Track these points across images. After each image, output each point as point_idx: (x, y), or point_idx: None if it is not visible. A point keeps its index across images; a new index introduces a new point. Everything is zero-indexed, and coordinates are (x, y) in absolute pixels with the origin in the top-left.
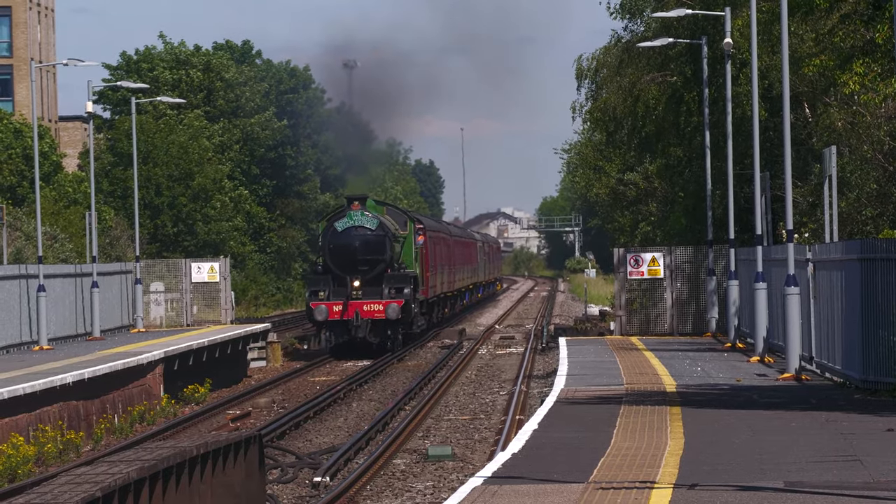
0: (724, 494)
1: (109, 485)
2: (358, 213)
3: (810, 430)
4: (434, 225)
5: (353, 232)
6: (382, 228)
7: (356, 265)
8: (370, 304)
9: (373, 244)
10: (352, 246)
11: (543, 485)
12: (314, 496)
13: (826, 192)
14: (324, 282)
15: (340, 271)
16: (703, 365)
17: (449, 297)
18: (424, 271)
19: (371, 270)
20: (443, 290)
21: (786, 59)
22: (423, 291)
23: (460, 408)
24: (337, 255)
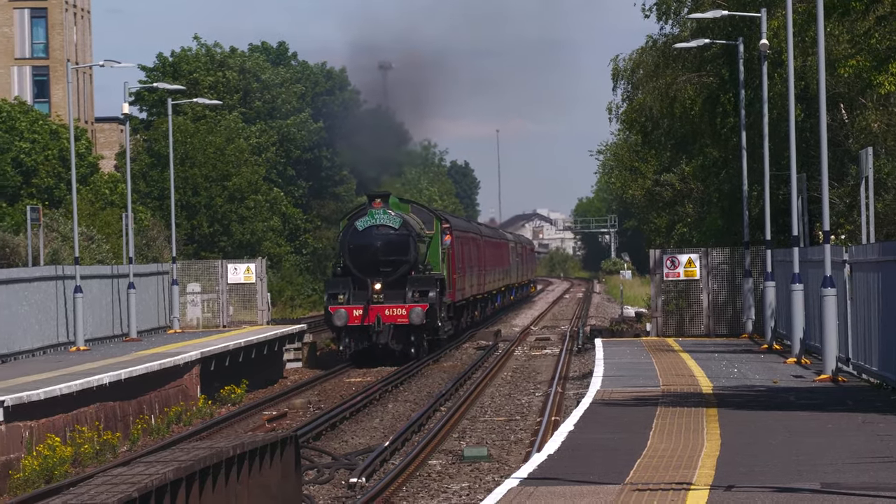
0: (761, 496)
1: (146, 485)
2: (380, 212)
3: (847, 432)
4: (462, 224)
5: (374, 231)
6: (406, 227)
7: (378, 267)
8: (392, 309)
9: (395, 244)
10: (373, 246)
11: (579, 486)
12: (350, 497)
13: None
14: (343, 284)
15: (361, 273)
16: (740, 366)
17: (479, 301)
18: (451, 273)
19: (394, 272)
20: (472, 293)
21: (822, 61)
22: (450, 294)
23: (496, 409)
24: (357, 256)
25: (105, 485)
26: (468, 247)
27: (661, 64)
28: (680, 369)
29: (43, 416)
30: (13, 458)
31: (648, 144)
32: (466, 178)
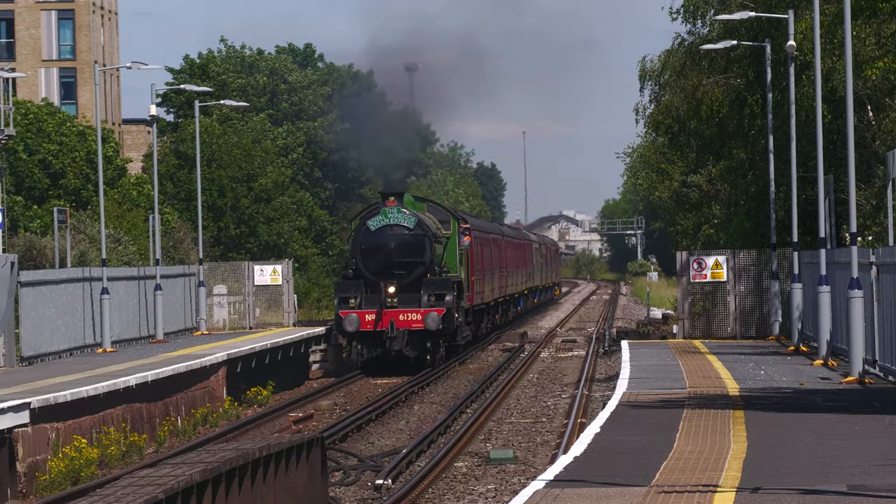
0: (787, 498)
1: (172, 487)
2: (394, 210)
3: (874, 434)
4: (482, 225)
5: (387, 231)
6: (421, 227)
7: (391, 269)
8: (407, 313)
9: (410, 245)
10: (386, 247)
11: (605, 488)
12: (376, 499)
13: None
14: (355, 287)
15: (374, 276)
16: (767, 368)
17: (500, 304)
18: (470, 275)
19: (408, 275)
20: (492, 297)
21: (849, 63)
22: (469, 298)
23: (522, 411)
24: (370, 258)
25: (131, 486)
26: (488, 248)
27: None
28: (706, 371)
29: (69, 418)
30: (40, 460)
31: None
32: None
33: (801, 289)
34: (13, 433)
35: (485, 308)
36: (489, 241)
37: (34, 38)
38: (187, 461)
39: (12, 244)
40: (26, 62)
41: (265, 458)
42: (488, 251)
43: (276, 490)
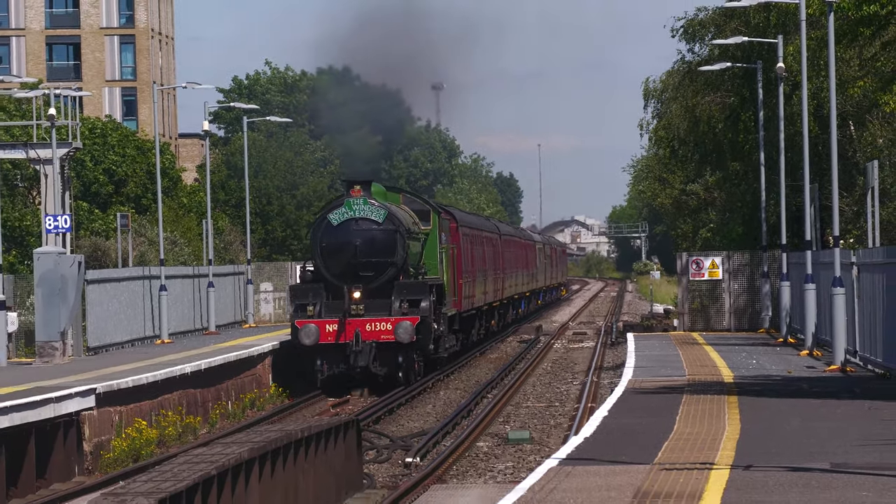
0: (776, 475)
1: (223, 464)
2: (360, 202)
3: (854, 417)
4: (473, 221)
5: (352, 226)
6: (392, 221)
7: (357, 270)
8: (375, 323)
9: (379, 242)
10: (350, 245)
11: (612, 466)
12: (406, 475)
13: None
14: (314, 292)
15: (336, 279)
16: (758, 358)
17: (496, 308)
18: (456, 278)
19: (377, 278)
20: (486, 301)
21: (833, 82)
22: (455, 304)
23: (537, 396)
24: (331, 258)
25: (187, 463)
26: (481, 247)
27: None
28: (704, 361)
29: (131, 402)
30: (104, 440)
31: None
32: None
33: (789, 286)
34: (81, 416)
35: (476, 313)
36: (482, 240)
37: (98, 60)
38: (237, 441)
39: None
40: (92, 82)
41: (306, 438)
42: (481, 250)
43: (317, 467)
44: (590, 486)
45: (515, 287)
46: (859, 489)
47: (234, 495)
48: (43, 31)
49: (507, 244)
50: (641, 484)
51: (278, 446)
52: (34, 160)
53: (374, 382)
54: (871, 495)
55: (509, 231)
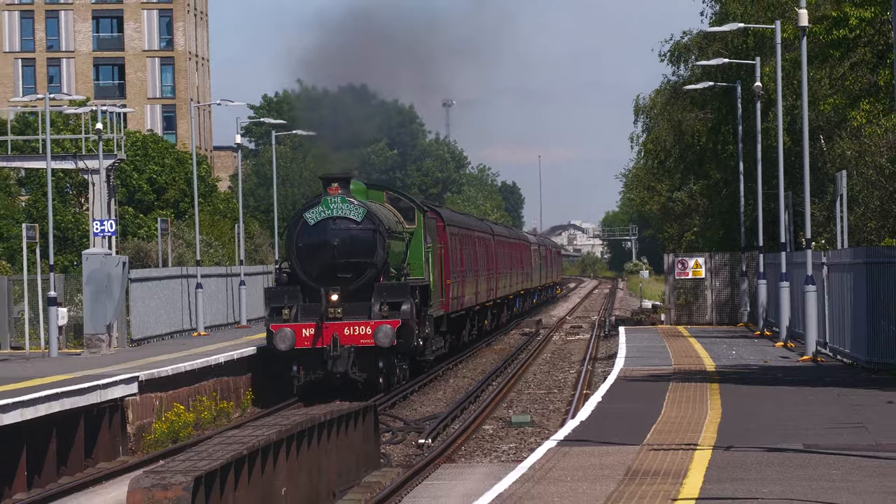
0: (754, 454)
1: (254, 445)
2: (337, 200)
3: (825, 403)
4: (462, 220)
5: (329, 226)
6: (371, 220)
7: (335, 272)
8: (353, 327)
9: (358, 242)
10: (328, 245)
11: (605, 446)
12: (419, 455)
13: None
14: (290, 295)
15: (313, 281)
16: (737, 349)
17: (489, 308)
18: (444, 278)
19: (355, 279)
20: (477, 301)
21: (805, 100)
22: (443, 305)
23: (537, 383)
24: (308, 259)
25: (221, 444)
26: (472, 248)
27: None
28: (688, 352)
29: (170, 389)
30: (146, 423)
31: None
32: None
33: (765, 284)
34: (125, 401)
35: (466, 314)
36: (473, 240)
37: (141, 80)
38: (266, 424)
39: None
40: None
41: (329, 421)
42: (472, 251)
43: (338, 447)
44: (585, 464)
45: (510, 287)
46: (830, 468)
47: (264, 473)
48: (90, 53)
49: (501, 245)
50: (632, 463)
51: (303, 429)
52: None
53: (353, 389)
54: (840, 473)
55: (503, 232)
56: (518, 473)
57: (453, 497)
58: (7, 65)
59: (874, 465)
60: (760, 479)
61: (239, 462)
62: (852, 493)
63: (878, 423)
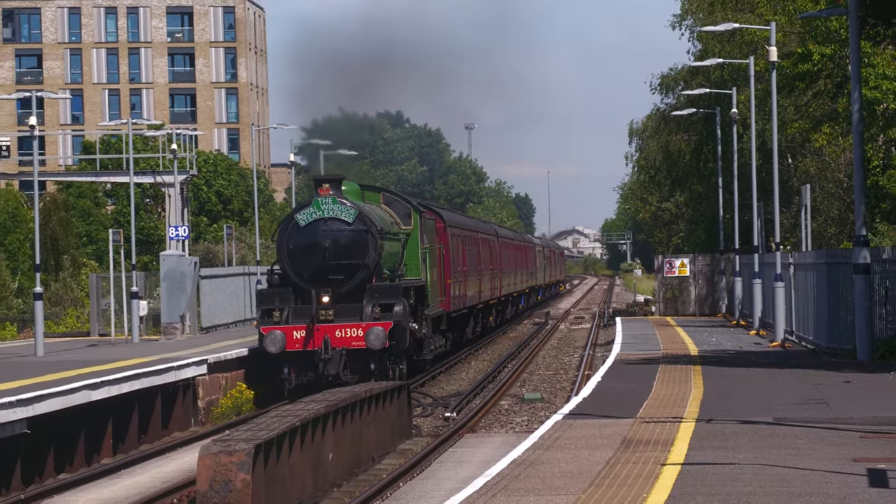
0: (731, 426)
1: (305, 417)
2: (328, 201)
3: (791, 383)
4: (463, 222)
5: (321, 227)
6: (363, 221)
7: (326, 274)
8: (345, 329)
9: (349, 243)
10: (319, 246)
11: (604, 419)
12: (445, 426)
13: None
14: (281, 297)
15: (304, 283)
16: (717, 336)
17: (493, 306)
18: (444, 278)
19: (347, 281)
20: (482, 299)
21: (775, 124)
22: (443, 304)
23: (546, 366)
24: (299, 260)
25: (277, 417)
26: (475, 248)
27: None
28: (675, 339)
29: (235, 370)
30: (214, 399)
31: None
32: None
33: (740, 281)
34: (196, 380)
35: (469, 312)
36: (477, 241)
37: (210, 107)
38: (315, 400)
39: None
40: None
41: (369, 398)
42: (475, 251)
43: (377, 420)
44: (587, 434)
45: (514, 285)
46: (796, 438)
47: (314, 441)
48: (167, 84)
49: (505, 246)
50: (627, 433)
51: (347, 404)
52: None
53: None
54: (804, 442)
55: (507, 234)
56: (530, 442)
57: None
58: (96, 94)
59: (834, 435)
60: (736, 448)
61: (293, 432)
62: (815, 459)
63: (837, 400)
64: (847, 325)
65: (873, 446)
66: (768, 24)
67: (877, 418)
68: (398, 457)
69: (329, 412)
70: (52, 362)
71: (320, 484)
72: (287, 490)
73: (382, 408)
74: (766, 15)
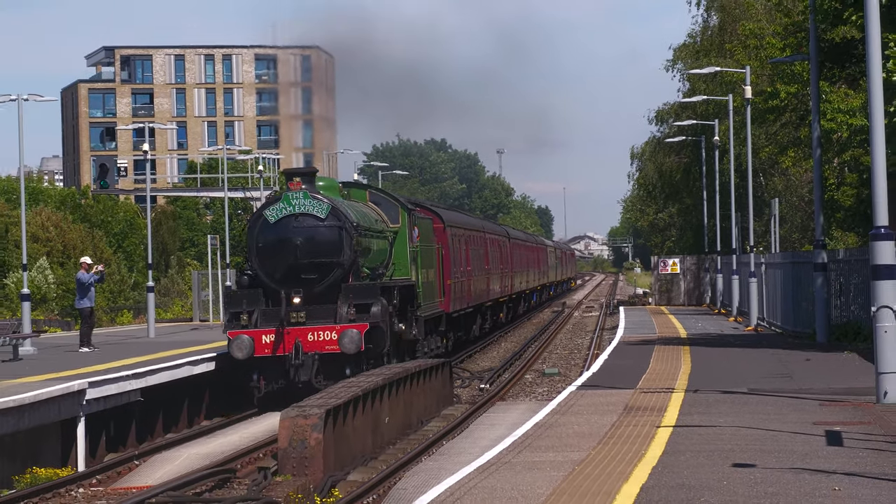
0: (714, 395)
1: (366, 388)
2: (299, 196)
3: (763, 360)
4: (468, 222)
5: (291, 223)
6: (337, 217)
7: (298, 273)
8: (317, 332)
9: (322, 240)
10: (290, 244)
11: (610, 390)
12: (480, 395)
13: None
14: (250, 299)
15: (275, 283)
16: (702, 322)
17: (504, 303)
18: (444, 278)
19: (321, 280)
20: (490, 297)
21: (749, 149)
22: (442, 304)
23: (563, 346)
24: (269, 259)
25: (344, 387)
26: (481, 248)
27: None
28: (668, 324)
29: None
30: None
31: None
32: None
33: (721, 277)
34: None
35: (475, 310)
36: (484, 242)
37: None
38: (374, 374)
39: None
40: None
41: (417, 372)
42: (481, 251)
43: (425, 390)
44: (596, 402)
45: (526, 283)
46: (766, 405)
47: (373, 407)
48: (254, 117)
49: (517, 246)
50: (628, 401)
51: (400, 377)
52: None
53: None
54: (773, 408)
55: (519, 236)
56: (549, 408)
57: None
58: (198, 125)
59: (797, 403)
60: (717, 413)
61: (356, 400)
62: (781, 422)
63: (799, 374)
64: (808, 313)
65: (830, 412)
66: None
67: (832, 389)
68: (441, 420)
69: (386, 384)
70: (161, 343)
71: (378, 442)
72: (351, 447)
73: (429, 380)
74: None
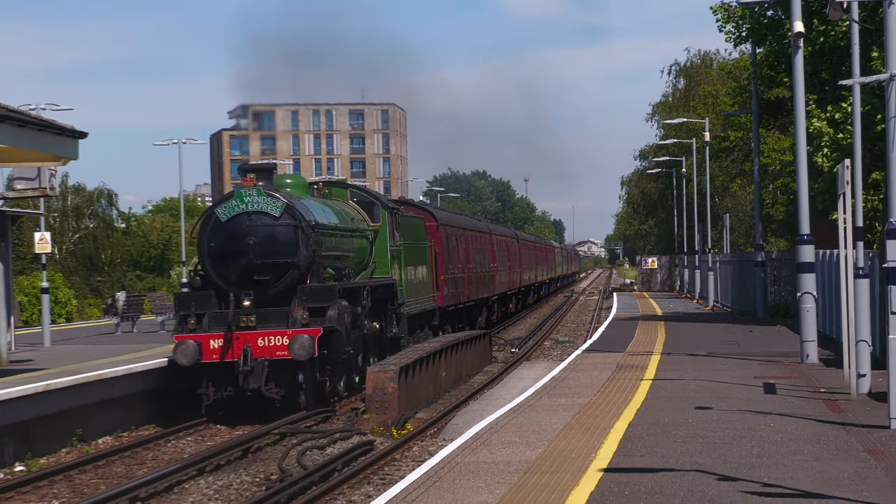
0: (682, 357)
1: (428, 351)
2: (253, 193)
3: (717, 332)
4: (467, 223)
5: (244, 222)
6: (292, 215)
7: (251, 274)
8: (268, 337)
9: (276, 240)
10: (242, 244)
11: (606, 353)
12: (512, 356)
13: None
14: (200, 301)
15: (227, 285)
16: (674, 304)
17: (513, 295)
18: (438, 275)
19: (275, 282)
20: (497, 291)
21: (708, 178)
22: (435, 300)
23: (572, 321)
24: (221, 260)
25: (413, 350)
26: (485, 247)
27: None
28: (649, 306)
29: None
30: None
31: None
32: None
33: (688, 270)
34: None
35: (481, 303)
36: (489, 241)
37: (373, 169)
38: (434, 341)
39: None
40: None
41: (466, 340)
42: (485, 250)
43: (471, 353)
44: (597, 362)
45: (535, 277)
46: (721, 365)
47: (434, 365)
48: (349, 156)
49: (525, 246)
50: (620, 361)
51: (454, 343)
52: None
53: (271, 407)
54: (726, 366)
55: (528, 238)
56: (562, 366)
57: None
58: (308, 162)
59: (742, 363)
60: (685, 369)
61: (421, 360)
62: (731, 376)
63: (744, 342)
64: (750, 297)
65: (766, 369)
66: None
67: (768, 353)
68: (483, 375)
69: (443, 348)
70: None
71: (438, 390)
72: (417, 394)
73: (474, 345)
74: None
